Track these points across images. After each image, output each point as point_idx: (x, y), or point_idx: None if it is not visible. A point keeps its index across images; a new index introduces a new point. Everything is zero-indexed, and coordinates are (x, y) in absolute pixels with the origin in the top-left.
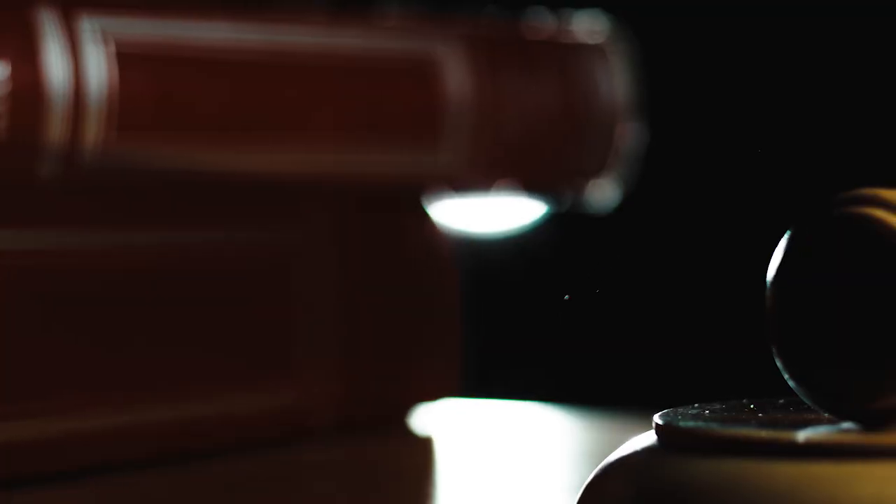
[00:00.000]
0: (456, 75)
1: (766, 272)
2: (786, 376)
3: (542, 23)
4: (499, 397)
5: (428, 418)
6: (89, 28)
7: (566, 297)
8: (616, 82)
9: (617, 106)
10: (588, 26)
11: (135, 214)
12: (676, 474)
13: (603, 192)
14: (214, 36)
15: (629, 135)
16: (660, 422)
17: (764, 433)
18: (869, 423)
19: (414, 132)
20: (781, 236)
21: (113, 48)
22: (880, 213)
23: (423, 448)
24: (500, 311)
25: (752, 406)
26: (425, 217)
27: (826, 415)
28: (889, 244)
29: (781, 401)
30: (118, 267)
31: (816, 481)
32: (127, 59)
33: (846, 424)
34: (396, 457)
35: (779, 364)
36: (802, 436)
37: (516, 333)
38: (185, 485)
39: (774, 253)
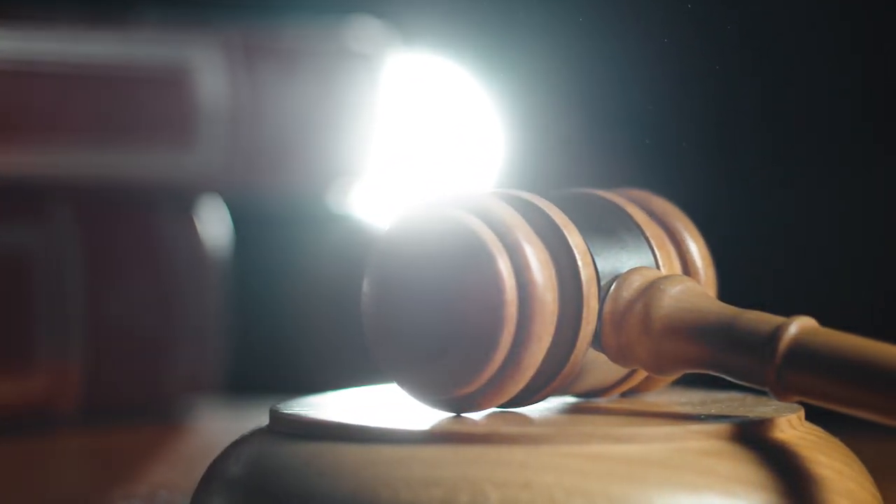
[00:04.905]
0: (211, 81)
1: None
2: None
3: (306, 30)
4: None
5: (185, 409)
6: None
7: None
8: (380, 87)
9: (379, 111)
10: (354, 34)
11: None
12: (269, 456)
13: (365, 195)
14: None
15: (393, 139)
16: (273, 408)
17: (339, 420)
18: (457, 410)
19: (168, 136)
20: None
21: None
22: (460, 215)
23: (165, 437)
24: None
25: (378, 394)
26: (184, 217)
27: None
28: (466, 245)
29: None
30: None
31: (376, 463)
32: None
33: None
34: (133, 445)
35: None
36: (373, 422)
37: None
38: None
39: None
